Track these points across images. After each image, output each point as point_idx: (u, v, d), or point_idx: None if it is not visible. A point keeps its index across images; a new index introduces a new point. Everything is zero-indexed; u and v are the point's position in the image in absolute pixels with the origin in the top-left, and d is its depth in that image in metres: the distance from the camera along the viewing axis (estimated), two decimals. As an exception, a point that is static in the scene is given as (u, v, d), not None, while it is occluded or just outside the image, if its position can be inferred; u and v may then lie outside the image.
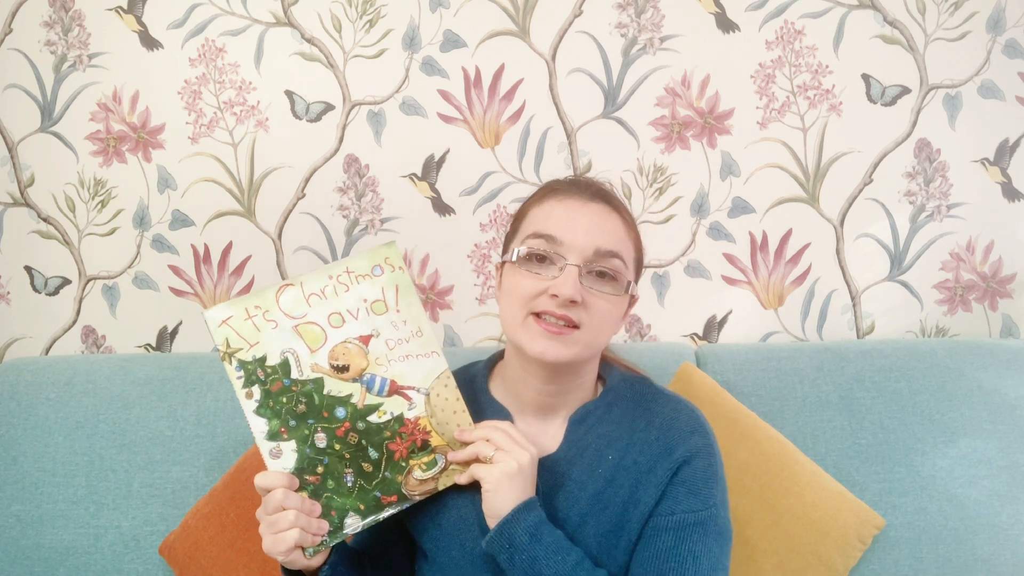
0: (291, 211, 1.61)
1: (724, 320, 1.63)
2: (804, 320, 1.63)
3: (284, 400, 0.89)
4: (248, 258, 1.63)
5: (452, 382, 0.94)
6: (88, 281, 1.64)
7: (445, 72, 1.58)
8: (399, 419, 0.92)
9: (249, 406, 0.89)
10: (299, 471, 0.89)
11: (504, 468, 0.87)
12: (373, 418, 0.91)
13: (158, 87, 1.59)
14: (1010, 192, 1.60)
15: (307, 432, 0.90)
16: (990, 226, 1.60)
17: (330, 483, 0.90)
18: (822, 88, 1.57)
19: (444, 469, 0.93)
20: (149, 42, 1.58)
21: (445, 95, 1.58)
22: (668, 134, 1.59)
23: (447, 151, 1.60)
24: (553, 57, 1.57)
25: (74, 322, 1.65)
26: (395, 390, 0.92)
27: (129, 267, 1.63)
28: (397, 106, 1.59)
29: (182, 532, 1.31)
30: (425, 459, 0.92)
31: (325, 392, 0.90)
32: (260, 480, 0.87)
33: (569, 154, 1.59)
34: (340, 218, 1.62)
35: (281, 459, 0.89)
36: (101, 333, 1.65)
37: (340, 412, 0.91)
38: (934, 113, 1.58)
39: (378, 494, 0.91)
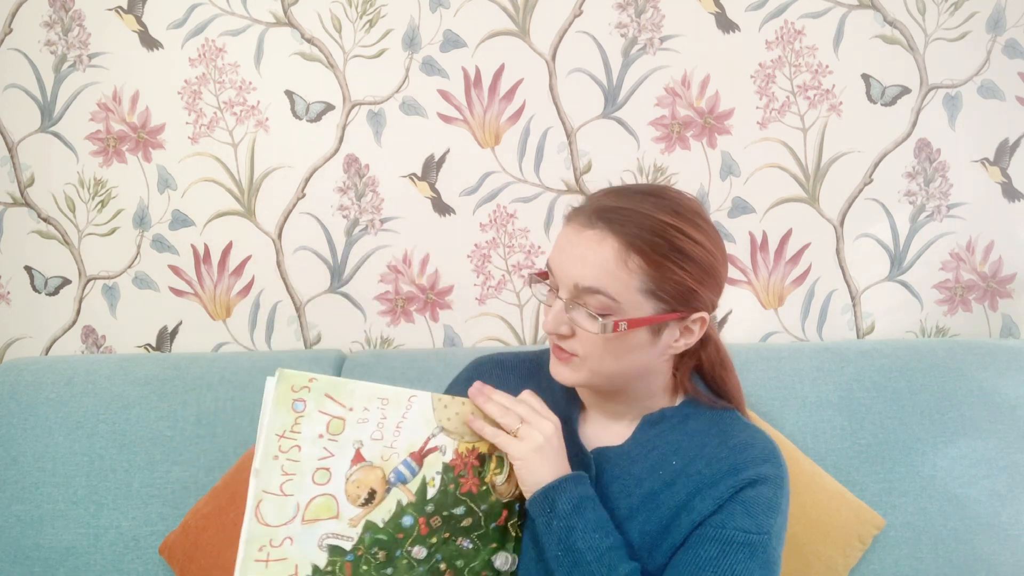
0: (291, 211, 1.61)
1: (724, 320, 1.63)
2: (804, 320, 1.63)
3: (365, 568, 0.85)
4: (248, 258, 1.63)
5: (446, 398, 0.89)
6: (88, 281, 1.64)
7: (445, 72, 1.58)
8: (446, 469, 0.88)
9: None
10: None
11: (530, 443, 0.86)
12: (431, 493, 0.88)
13: (158, 87, 1.59)
14: (1010, 192, 1.60)
15: (406, 561, 0.87)
16: (990, 226, 1.60)
17: (459, 563, 0.88)
18: (822, 88, 1.57)
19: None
20: (149, 42, 1.58)
21: (445, 95, 1.58)
22: (668, 134, 1.59)
23: (447, 151, 1.60)
24: (553, 57, 1.57)
25: (74, 322, 1.66)
26: (420, 457, 0.88)
27: (129, 267, 1.64)
28: (397, 106, 1.59)
29: (182, 532, 1.31)
30: (493, 467, 0.90)
31: (381, 528, 0.86)
32: None
33: (569, 154, 1.59)
34: (340, 218, 1.62)
35: None
36: (101, 333, 1.65)
37: (407, 521, 0.87)
38: (934, 113, 1.58)
39: (493, 524, 0.90)
